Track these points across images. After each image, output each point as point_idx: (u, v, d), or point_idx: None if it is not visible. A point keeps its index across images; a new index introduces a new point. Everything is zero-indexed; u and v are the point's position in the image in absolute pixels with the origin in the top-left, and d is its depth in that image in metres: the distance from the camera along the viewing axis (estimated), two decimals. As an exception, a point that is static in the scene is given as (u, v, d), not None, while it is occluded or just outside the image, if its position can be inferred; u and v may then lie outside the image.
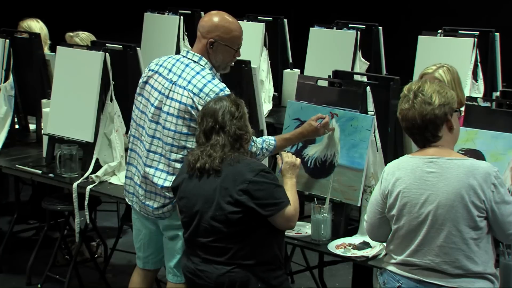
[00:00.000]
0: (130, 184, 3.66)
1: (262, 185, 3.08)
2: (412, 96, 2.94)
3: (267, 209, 3.08)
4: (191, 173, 3.20)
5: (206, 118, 3.19)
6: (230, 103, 3.21)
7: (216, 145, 3.15)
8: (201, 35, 3.51)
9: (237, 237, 3.10)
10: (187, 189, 3.21)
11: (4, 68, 5.05)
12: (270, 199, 3.09)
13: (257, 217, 3.09)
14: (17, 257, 5.25)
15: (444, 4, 8.03)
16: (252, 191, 3.06)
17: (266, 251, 3.15)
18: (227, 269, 3.10)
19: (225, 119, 3.16)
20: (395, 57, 6.34)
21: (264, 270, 3.13)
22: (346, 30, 5.94)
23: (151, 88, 3.53)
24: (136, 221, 3.72)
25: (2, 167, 4.65)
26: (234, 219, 3.07)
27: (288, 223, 3.15)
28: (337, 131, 3.59)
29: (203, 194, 3.14)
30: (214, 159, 3.12)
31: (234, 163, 3.11)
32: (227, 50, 3.51)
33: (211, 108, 3.21)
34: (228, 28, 3.51)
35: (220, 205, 3.09)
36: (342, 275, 4.97)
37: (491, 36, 5.48)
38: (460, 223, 2.83)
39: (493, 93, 5.09)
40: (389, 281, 2.99)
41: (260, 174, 3.09)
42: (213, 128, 3.17)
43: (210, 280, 3.13)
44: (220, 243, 3.11)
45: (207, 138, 3.18)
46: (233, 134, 3.16)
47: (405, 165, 2.97)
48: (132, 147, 3.64)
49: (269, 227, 3.13)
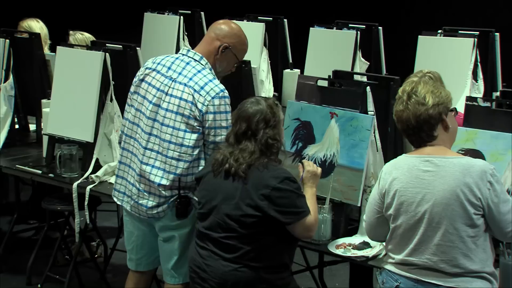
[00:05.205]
0: (122, 183, 3.64)
1: (285, 192, 3.08)
2: (406, 97, 2.96)
3: (287, 216, 3.09)
4: (216, 172, 3.19)
5: (240, 122, 3.18)
6: (267, 108, 3.18)
7: (245, 150, 3.14)
8: (216, 37, 3.53)
9: (249, 239, 3.10)
10: (209, 182, 3.21)
11: (4, 68, 5.05)
12: (291, 207, 3.09)
13: (273, 224, 3.08)
14: (17, 257, 5.25)
15: (444, 4, 8.03)
16: (274, 198, 3.06)
17: (275, 257, 3.15)
18: (233, 267, 3.10)
19: (259, 127, 3.15)
20: (395, 57, 6.34)
21: (269, 272, 3.13)
22: (346, 30, 5.93)
23: (148, 86, 3.53)
24: (127, 223, 3.70)
25: (2, 167, 4.65)
26: (249, 222, 3.08)
27: (307, 232, 3.17)
28: (337, 131, 3.59)
29: (224, 191, 3.14)
30: (240, 165, 3.11)
31: (261, 169, 3.10)
32: (232, 60, 3.57)
33: (247, 111, 3.18)
34: (243, 40, 3.58)
35: (239, 205, 3.09)
36: (342, 275, 4.97)
37: (491, 36, 5.47)
38: (457, 221, 2.83)
39: (493, 93, 5.09)
40: (387, 280, 2.99)
41: (285, 181, 3.08)
42: (245, 133, 3.15)
43: (215, 275, 3.13)
44: (231, 241, 3.11)
45: (238, 141, 3.17)
46: (264, 143, 3.14)
47: (402, 164, 2.97)
48: (124, 145, 3.63)
49: (282, 235, 3.13)
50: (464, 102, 3.52)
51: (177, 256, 3.54)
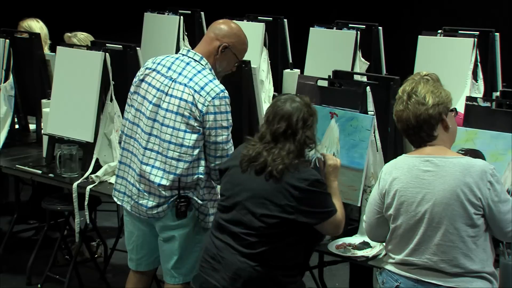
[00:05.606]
0: (122, 183, 3.64)
1: (315, 194, 3.06)
2: (406, 97, 2.97)
3: (316, 216, 3.08)
4: (244, 167, 3.14)
5: (278, 119, 3.11)
6: (305, 107, 3.13)
7: (283, 149, 3.08)
8: (215, 37, 3.53)
9: (271, 238, 3.06)
10: (235, 176, 3.17)
11: (4, 68, 5.05)
12: (320, 208, 3.08)
13: (297, 225, 3.06)
14: (17, 257, 5.25)
15: (444, 4, 8.04)
16: (303, 200, 3.04)
17: (293, 258, 3.13)
18: (250, 264, 3.06)
19: (298, 126, 3.10)
20: (395, 57, 6.34)
21: (284, 274, 3.11)
22: (346, 30, 5.93)
23: (148, 86, 3.53)
24: (128, 223, 3.70)
25: (2, 167, 4.65)
26: (274, 222, 3.04)
27: (336, 229, 3.17)
28: (337, 131, 3.59)
29: (251, 188, 3.09)
30: (278, 165, 3.05)
31: (292, 170, 3.06)
32: (232, 59, 3.56)
33: (285, 109, 3.12)
34: (243, 39, 3.58)
35: (266, 205, 3.05)
36: (342, 275, 4.97)
37: (491, 36, 5.48)
38: (457, 221, 2.83)
39: (493, 93, 5.09)
40: (388, 280, 2.99)
41: (313, 184, 3.06)
42: (284, 132, 3.10)
43: (229, 269, 3.09)
44: (252, 238, 3.07)
45: (275, 140, 3.11)
46: (302, 142, 3.10)
47: (402, 164, 2.97)
48: (124, 146, 3.63)
49: (304, 235, 3.12)
50: (464, 102, 3.52)
51: (177, 256, 3.54)
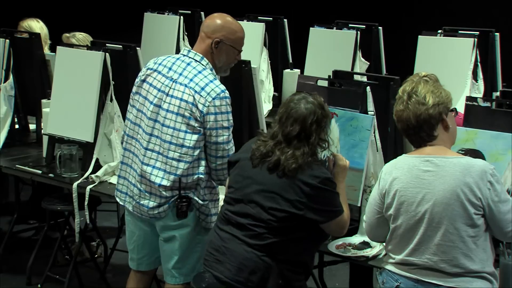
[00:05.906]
0: (124, 183, 3.64)
1: (325, 192, 3.06)
2: (406, 97, 2.97)
3: (323, 215, 3.08)
4: (255, 162, 3.13)
5: (291, 122, 3.10)
6: (319, 108, 3.12)
7: (298, 149, 3.07)
8: (206, 35, 3.52)
9: (278, 231, 3.06)
10: (245, 169, 3.16)
11: (4, 68, 5.05)
12: (328, 206, 3.08)
13: (305, 221, 3.06)
14: (17, 257, 5.25)
15: (444, 4, 8.04)
16: (313, 197, 3.04)
17: (299, 254, 3.13)
18: (257, 254, 3.05)
19: (312, 129, 3.09)
20: (395, 57, 6.34)
21: (290, 269, 3.11)
22: (346, 30, 5.93)
23: (149, 86, 3.53)
24: (129, 223, 3.70)
25: (2, 167, 4.65)
26: (283, 216, 3.04)
27: (341, 229, 3.17)
28: (337, 131, 3.59)
29: (262, 182, 3.09)
30: (291, 164, 3.04)
31: (305, 168, 3.06)
32: (231, 51, 3.54)
33: (299, 112, 3.10)
34: (233, 29, 3.54)
35: (276, 200, 3.05)
36: (342, 275, 4.97)
37: (491, 36, 5.48)
38: (457, 221, 2.83)
39: (493, 93, 5.09)
40: (388, 280, 2.99)
41: (324, 182, 3.06)
42: (298, 135, 3.09)
43: (235, 260, 3.08)
44: (259, 229, 3.07)
45: (288, 142, 3.09)
46: (316, 144, 3.10)
47: (402, 164, 2.97)
48: (126, 146, 3.63)
49: (311, 232, 3.12)
50: (464, 102, 3.52)
51: (178, 256, 3.54)
